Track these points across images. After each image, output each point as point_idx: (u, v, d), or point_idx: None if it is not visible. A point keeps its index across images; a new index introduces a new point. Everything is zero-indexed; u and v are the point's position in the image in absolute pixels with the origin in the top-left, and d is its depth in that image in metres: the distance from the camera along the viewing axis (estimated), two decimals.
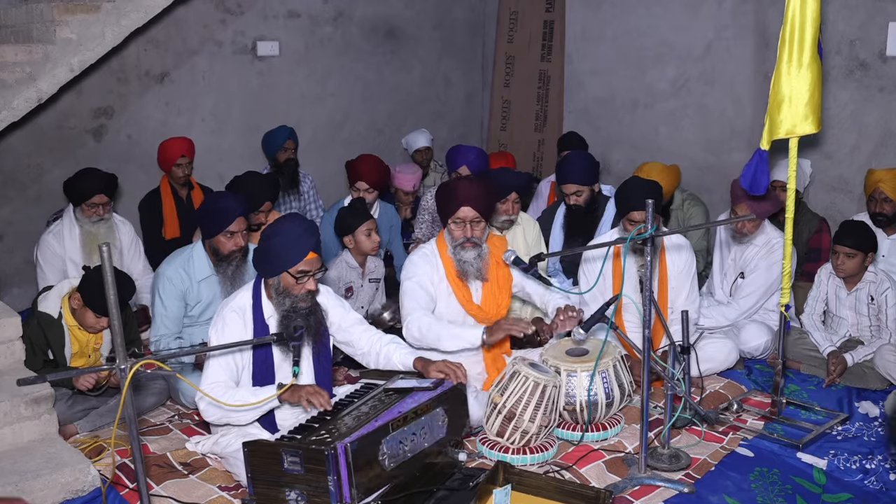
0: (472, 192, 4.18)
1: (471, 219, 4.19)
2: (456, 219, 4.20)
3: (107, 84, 6.45)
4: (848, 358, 4.68)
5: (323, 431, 3.18)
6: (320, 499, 2.99)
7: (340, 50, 7.65)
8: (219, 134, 7.07)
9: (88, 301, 4.10)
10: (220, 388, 3.55)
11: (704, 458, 3.87)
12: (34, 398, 3.84)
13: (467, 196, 4.16)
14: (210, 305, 4.59)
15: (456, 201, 4.17)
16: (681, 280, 4.64)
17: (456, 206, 4.18)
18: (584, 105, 7.80)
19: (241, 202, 4.56)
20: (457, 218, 4.19)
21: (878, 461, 3.83)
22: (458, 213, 4.18)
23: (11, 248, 6.19)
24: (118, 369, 2.57)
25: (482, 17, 8.66)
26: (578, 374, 3.96)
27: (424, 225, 6.21)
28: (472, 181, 4.30)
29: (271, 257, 3.63)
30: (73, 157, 6.27)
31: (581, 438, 3.98)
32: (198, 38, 6.84)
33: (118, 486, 3.67)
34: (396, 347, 3.89)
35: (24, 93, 4.99)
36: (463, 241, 4.21)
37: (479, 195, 4.19)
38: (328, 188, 7.32)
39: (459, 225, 4.20)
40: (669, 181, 5.64)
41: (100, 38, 5.20)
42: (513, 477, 3.43)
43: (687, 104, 7.01)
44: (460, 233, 4.21)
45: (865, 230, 4.79)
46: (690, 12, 6.85)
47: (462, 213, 4.18)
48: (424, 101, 8.37)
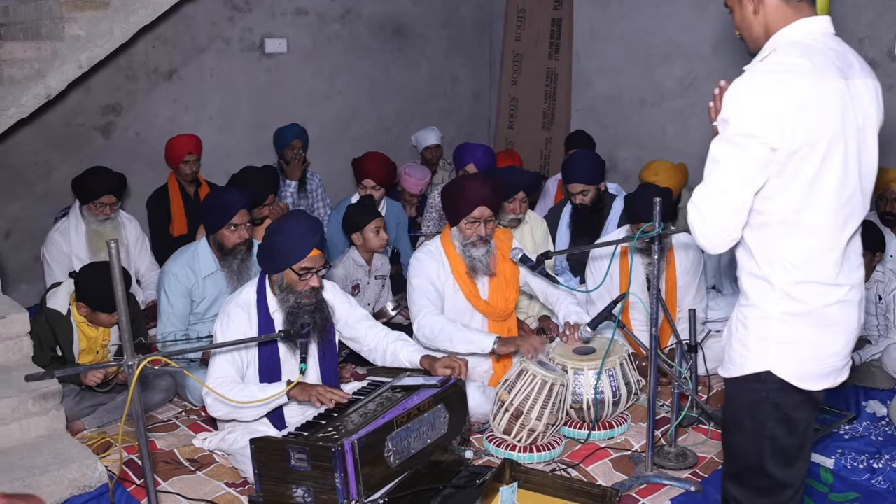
0: (486, 190, 4.18)
1: (486, 217, 4.20)
2: (471, 218, 4.19)
3: (115, 81, 6.46)
4: (855, 357, 4.67)
5: (330, 428, 3.18)
6: (327, 495, 2.99)
7: (348, 47, 7.66)
8: (226, 131, 7.08)
9: (95, 305, 4.11)
10: (227, 384, 3.56)
11: (711, 457, 3.86)
12: (42, 394, 3.85)
13: (482, 195, 4.16)
14: (216, 301, 4.61)
15: (470, 201, 4.16)
16: (688, 279, 4.63)
17: (471, 206, 4.17)
18: (592, 103, 7.79)
19: (243, 195, 4.59)
20: (472, 217, 4.19)
21: (885, 460, 3.82)
22: (473, 213, 4.18)
23: (19, 244, 6.20)
24: (126, 366, 2.58)
25: (490, 14, 8.65)
26: (585, 372, 3.96)
27: (432, 222, 6.21)
28: (483, 180, 4.28)
29: (275, 253, 3.65)
30: (80, 154, 6.29)
31: (588, 437, 3.98)
32: (206, 35, 6.85)
33: (125, 483, 3.68)
34: (403, 345, 3.89)
35: (32, 89, 4.99)
36: (476, 239, 4.21)
37: (491, 193, 4.20)
38: (335, 186, 7.33)
39: (474, 224, 4.21)
40: (677, 180, 5.63)
41: (108, 35, 5.21)
42: (519, 475, 3.44)
43: (694, 103, 7.00)
44: (473, 231, 4.21)
45: (873, 230, 4.77)
46: (698, 11, 6.83)
47: (478, 212, 4.18)
48: (432, 98, 8.37)
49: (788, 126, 2.20)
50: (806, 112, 2.21)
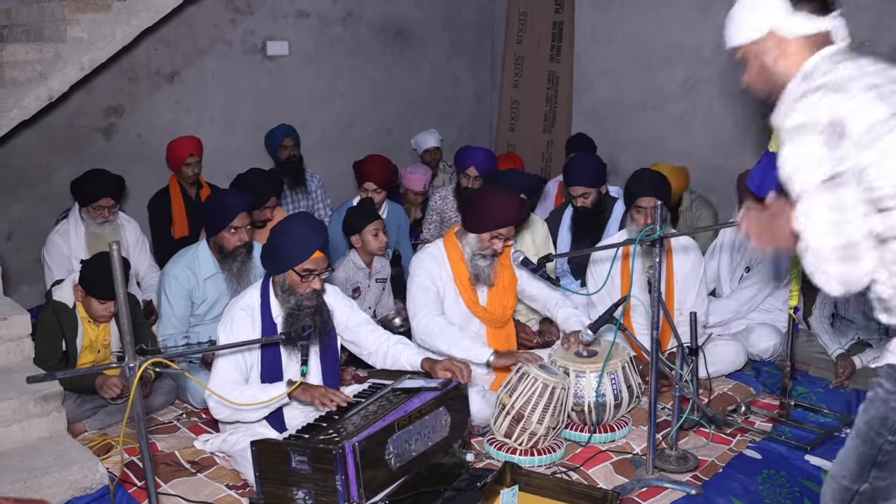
0: (519, 211, 4.24)
1: (508, 235, 4.24)
2: (500, 235, 4.21)
3: (117, 83, 6.47)
4: (857, 360, 4.67)
5: (331, 430, 3.18)
6: (328, 498, 2.99)
7: (350, 50, 7.66)
8: (228, 133, 7.09)
9: (90, 289, 4.12)
10: (230, 386, 3.56)
11: (712, 460, 3.86)
12: (43, 395, 3.85)
13: (513, 215, 4.21)
14: (216, 304, 4.61)
15: (503, 219, 4.18)
16: (689, 282, 4.63)
17: (501, 224, 4.18)
18: (593, 106, 7.79)
19: (243, 198, 4.59)
20: (500, 234, 4.20)
21: None
22: (503, 231, 4.20)
23: (20, 246, 6.20)
24: (127, 367, 2.58)
25: (491, 17, 8.66)
26: (587, 374, 3.96)
27: (433, 226, 6.21)
28: (519, 201, 4.28)
29: (278, 254, 3.66)
30: (82, 156, 6.28)
31: (589, 440, 3.97)
32: (208, 37, 6.86)
33: (126, 484, 3.68)
34: (404, 348, 3.89)
35: (34, 91, 5.00)
36: (490, 252, 4.22)
37: (522, 213, 4.28)
38: (337, 188, 7.33)
39: (496, 239, 4.22)
40: (678, 183, 5.63)
41: (110, 38, 5.22)
42: (520, 478, 3.43)
43: (696, 106, 7.00)
44: (490, 245, 4.22)
45: None
46: (700, 14, 6.83)
47: (506, 231, 4.21)
48: (433, 101, 8.37)
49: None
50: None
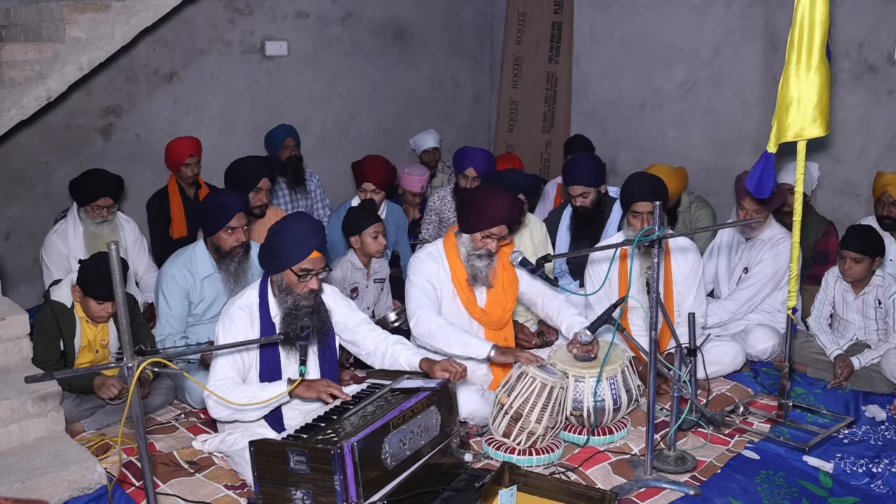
0: (512, 211, 4.21)
1: (501, 235, 4.23)
2: (492, 234, 4.20)
3: (115, 83, 6.47)
4: (855, 361, 4.68)
5: (329, 431, 3.18)
6: (326, 498, 2.99)
7: (348, 50, 7.66)
8: (227, 133, 7.08)
9: (88, 289, 4.11)
10: (228, 386, 3.57)
11: (710, 461, 3.86)
12: (41, 395, 3.85)
13: (506, 215, 4.19)
14: (213, 303, 4.61)
15: (495, 219, 4.17)
16: (687, 283, 4.62)
17: (493, 223, 4.17)
18: (592, 107, 7.80)
19: (240, 198, 4.60)
20: (492, 234, 4.20)
21: (884, 465, 3.82)
22: (494, 230, 4.19)
23: (19, 245, 6.21)
24: (125, 367, 2.58)
25: (490, 18, 8.66)
26: (586, 379, 3.95)
27: (431, 226, 6.21)
28: (511, 201, 4.27)
29: (275, 253, 3.67)
30: (81, 156, 6.29)
31: (587, 440, 3.97)
32: (206, 37, 6.86)
33: (124, 485, 3.68)
34: (402, 348, 3.89)
35: (33, 91, 5.01)
36: (484, 252, 4.22)
37: (515, 213, 4.24)
38: (335, 188, 7.33)
39: (489, 238, 4.21)
40: (677, 183, 5.64)
41: (109, 38, 5.22)
42: (519, 478, 3.43)
43: (695, 107, 7.00)
44: (484, 244, 4.21)
45: (872, 234, 4.78)
46: (699, 15, 6.84)
47: (498, 230, 4.20)
48: (432, 102, 8.38)
49: None
50: None
